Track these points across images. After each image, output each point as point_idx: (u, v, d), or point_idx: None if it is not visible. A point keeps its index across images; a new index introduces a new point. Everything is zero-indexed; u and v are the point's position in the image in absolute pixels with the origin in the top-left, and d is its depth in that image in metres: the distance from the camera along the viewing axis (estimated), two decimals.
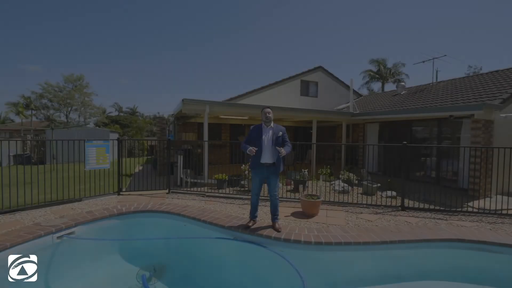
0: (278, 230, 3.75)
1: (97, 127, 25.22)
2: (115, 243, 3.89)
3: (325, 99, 14.43)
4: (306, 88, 14.17)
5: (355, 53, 73.75)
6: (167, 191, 6.28)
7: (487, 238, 3.64)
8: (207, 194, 6.11)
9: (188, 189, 6.59)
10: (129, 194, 5.95)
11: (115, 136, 17.85)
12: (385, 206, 5.22)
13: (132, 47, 69.20)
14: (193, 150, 10.08)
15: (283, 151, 3.58)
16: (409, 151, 5.22)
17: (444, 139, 7.84)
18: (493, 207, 5.16)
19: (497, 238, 3.63)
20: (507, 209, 4.93)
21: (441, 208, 4.99)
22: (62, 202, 5.11)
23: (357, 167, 9.95)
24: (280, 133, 3.82)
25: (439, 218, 4.57)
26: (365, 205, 5.27)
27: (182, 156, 7.35)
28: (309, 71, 14.20)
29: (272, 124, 3.89)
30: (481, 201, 5.86)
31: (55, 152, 6.68)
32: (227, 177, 6.91)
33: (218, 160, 12.37)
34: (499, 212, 4.87)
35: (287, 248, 3.49)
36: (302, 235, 3.65)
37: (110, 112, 41.02)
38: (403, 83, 12.50)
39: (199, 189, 6.56)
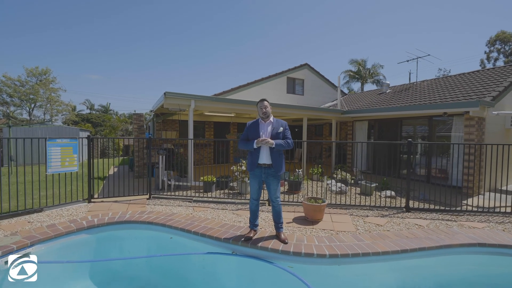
0: (284, 242, 3.23)
1: (66, 125, 23.15)
2: (85, 266, 3.13)
3: (311, 97, 14.19)
4: (292, 86, 13.82)
5: (335, 53, 75.46)
6: (147, 196, 5.52)
7: (506, 241, 3.40)
8: (194, 198, 5.44)
9: (172, 193, 5.87)
10: (102, 201, 5.12)
11: (86, 135, 16.29)
12: (389, 207, 4.91)
13: (104, 41, 65.13)
14: (175, 149, 9.30)
15: (270, 141, 3.11)
16: (411, 148, 4.95)
17: (435, 136, 7.80)
18: (489, 205, 5.06)
19: None
20: (511, 207, 4.82)
21: (446, 209, 4.77)
22: (17, 213, 4.19)
23: (346, 165, 9.75)
24: (281, 128, 3.31)
25: (448, 220, 4.32)
26: (368, 207, 4.92)
27: (164, 157, 6.59)
28: (295, 68, 13.86)
29: (271, 119, 3.37)
30: (477, 199, 5.78)
31: (12, 152, 5.70)
32: (215, 179, 6.29)
33: (202, 160, 11.64)
34: (503, 211, 4.74)
35: (298, 263, 2.98)
36: (313, 246, 3.16)
37: (81, 110, 38.18)
38: (388, 82, 12.55)
39: (184, 193, 5.87)
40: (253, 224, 3.46)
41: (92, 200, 5.11)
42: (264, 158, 3.25)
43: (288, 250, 3.05)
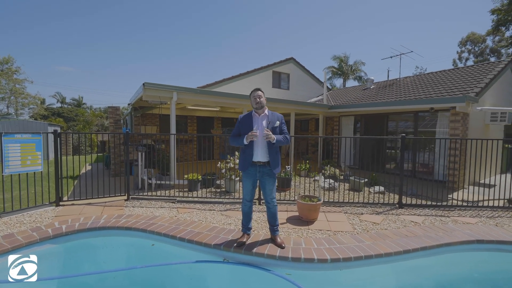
0: (281, 246, 2.96)
1: (33, 120, 21.30)
2: (50, 284, 2.66)
3: (296, 92, 14.01)
4: (278, 80, 13.55)
5: (318, 47, 76.21)
6: (125, 197, 5.01)
7: (503, 237, 3.37)
8: (178, 199, 5.02)
9: (153, 193, 5.40)
10: (72, 204, 4.55)
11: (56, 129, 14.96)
12: (383, 204, 4.80)
13: (78, 33, 60.90)
14: (155, 145, 8.71)
15: (272, 136, 2.80)
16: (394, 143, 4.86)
17: (417, 132, 7.88)
18: (477, 199, 5.15)
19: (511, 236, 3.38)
20: (498, 199, 4.91)
21: (438, 204, 4.75)
22: None
23: (332, 160, 9.71)
24: (277, 122, 3.00)
25: (441, 215, 4.27)
26: (362, 204, 4.78)
27: (143, 153, 6.06)
28: (281, 62, 13.58)
29: (266, 111, 3.04)
30: (461, 193, 5.89)
31: None
32: (200, 176, 5.88)
33: (184, 157, 11.10)
34: (491, 205, 4.80)
35: (297, 269, 2.72)
36: (313, 250, 2.91)
37: (51, 104, 35.55)
38: (372, 78, 12.65)
39: (166, 192, 5.42)
40: (246, 228, 3.15)
41: (61, 203, 4.52)
42: (260, 155, 2.93)
43: (286, 255, 2.77)
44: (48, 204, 4.40)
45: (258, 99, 2.97)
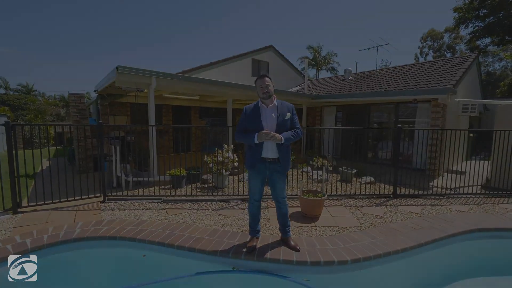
0: (295, 249, 2.69)
1: None
2: None
3: (276, 81, 13.56)
4: (257, 69, 13.12)
5: (293, 38, 76.34)
6: (101, 198, 4.35)
7: (497, 224, 3.50)
8: (164, 198, 4.50)
9: (133, 192, 4.79)
10: (35, 210, 3.80)
11: (3, 120, 12.94)
12: (378, 195, 4.81)
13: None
14: (126, 138, 7.87)
15: (278, 136, 2.48)
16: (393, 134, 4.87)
17: (398, 122, 8.12)
18: (450, 185, 5.40)
19: (506, 223, 3.53)
20: (472, 186, 5.21)
21: (428, 193, 4.89)
22: None
23: (314, 151, 9.74)
24: (288, 114, 2.66)
25: (434, 204, 4.37)
26: (358, 196, 4.73)
27: (118, 147, 5.35)
28: (260, 49, 13.15)
29: (275, 102, 2.70)
30: (440, 180, 6.18)
31: None
32: (185, 171, 5.38)
33: (159, 150, 10.28)
34: (475, 192, 5.05)
35: (316, 273, 2.49)
36: (329, 251, 2.70)
37: None
38: (350, 69, 12.82)
39: (148, 191, 4.84)
40: (255, 230, 2.84)
41: (20, 209, 3.75)
42: (270, 151, 2.59)
43: (304, 259, 2.52)
44: (3, 211, 3.61)
45: (265, 89, 2.59)
